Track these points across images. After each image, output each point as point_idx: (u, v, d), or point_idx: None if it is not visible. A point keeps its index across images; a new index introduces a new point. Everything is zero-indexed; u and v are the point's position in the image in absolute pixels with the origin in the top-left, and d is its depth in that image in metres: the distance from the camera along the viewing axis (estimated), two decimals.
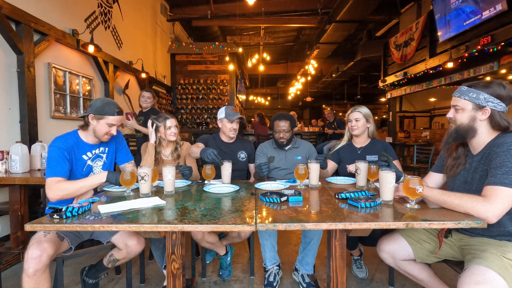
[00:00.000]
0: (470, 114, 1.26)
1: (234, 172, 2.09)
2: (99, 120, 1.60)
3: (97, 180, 1.51)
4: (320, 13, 7.30)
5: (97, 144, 1.71)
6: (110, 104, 1.61)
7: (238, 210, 1.24)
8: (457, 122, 1.29)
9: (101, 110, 1.58)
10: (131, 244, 1.54)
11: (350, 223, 1.05)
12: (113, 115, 1.60)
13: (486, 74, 5.36)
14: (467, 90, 1.26)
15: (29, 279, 1.25)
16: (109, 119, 1.60)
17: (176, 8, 7.63)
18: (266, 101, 19.04)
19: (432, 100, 12.96)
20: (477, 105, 1.24)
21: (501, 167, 1.12)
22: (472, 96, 1.24)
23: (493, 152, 1.19)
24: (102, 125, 1.60)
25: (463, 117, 1.27)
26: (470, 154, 1.33)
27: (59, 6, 3.48)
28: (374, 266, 2.22)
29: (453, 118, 1.32)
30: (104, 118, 1.59)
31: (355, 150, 2.08)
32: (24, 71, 2.84)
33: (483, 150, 1.26)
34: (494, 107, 1.22)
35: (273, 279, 1.89)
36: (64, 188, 1.46)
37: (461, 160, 1.34)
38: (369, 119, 2.04)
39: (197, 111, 7.95)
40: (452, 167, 1.37)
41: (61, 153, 1.53)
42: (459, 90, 1.30)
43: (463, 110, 1.27)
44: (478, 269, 1.08)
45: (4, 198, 2.62)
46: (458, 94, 1.30)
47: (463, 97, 1.27)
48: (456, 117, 1.30)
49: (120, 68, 4.90)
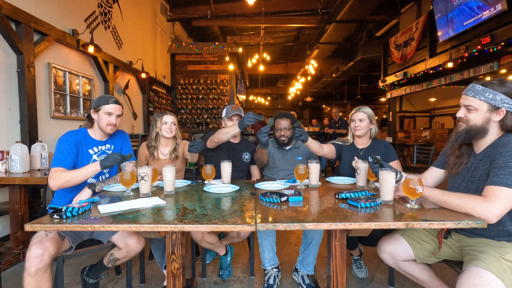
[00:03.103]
0: (485, 115, 1.20)
1: (236, 172, 2.10)
2: (98, 112, 1.72)
3: (92, 169, 1.55)
4: (320, 13, 7.30)
5: (103, 141, 1.80)
6: (105, 96, 1.75)
7: (238, 210, 1.24)
8: (470, 122, 1.23)
9: (97, 103, 1.72)
10: (131, 243, 1.55)
11: (350, 223, 1.05)
12: (108, 104, 1.71)
13: (486, 74, 5.36)
14: (483, 90, 1.19)
15: (31, 278, 1.25)
16: (105, 107, 1.71)
17: (176, 8, 7.63)
18: (266, 101, 19.02)
19: (432, 100, 12.97)
20: (493, 106, 1.19)
21: (504, 167, 1.11)
22: (489, 96, 1.18)
23: (497, 151, 1.18)
24: (101, 116, 1.71)
25: (476, 117, 1.21)
26: (473, 153, 1.31)
27: (59, 6, 3.48)
28: (374, 266, 2.22)
29: (464, 118, 1.25)
30: (101, 108, 1.71)
31: (357, 151, 2.04)
32: (24, 71, 2.84)
33: (486, 149, 1.24)
34: (509, 108, 1.18)
35: (272, 281, 1.89)
36: (62, 177, 1.53)
37: (464, 159, 1.31)
38: (373, 120, 2.01)
39: (197, 111, 7.95)
40: (454, 165, 1.35)
41: (68, 145, 1.63)
42: (472, 89, 1.22)
43: (476, 110, 1.21)
44: (476, 271, 1.07)
45: (4, 198, 2.62)
46: (472, 93, 1.22)
47: (478, 97, 1.20)
48: (468, 117, 1.24)
49: (120, 68, 4.90)
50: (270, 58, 10.84)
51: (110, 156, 1.52)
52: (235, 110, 2.14)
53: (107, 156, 1.54)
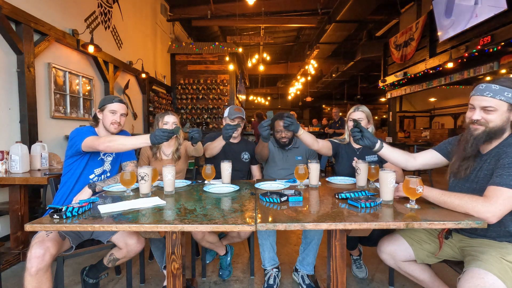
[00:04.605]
0: (505, 115, 1.17)
1: (236, 172, 2.09)
2: (102, 112, 1.76)
3: (142, 140, 1.55)
4: (320, 13, 7.30)
5: None
6: (109, 96, 1.80)
7: (238, 210, 1.24)
8: (490, 124, 1.18)
9: (102, 102, 1.77)
10: (131, 243, 1.55)
11: (350, 223, 1.05)
12: (112, 102, 1.75)
13: (486, 74, 5.37)
14: (501, 89, 1.15)
15: (32, 278, 1.25)
16: (109, 106, 1.74)
17: (176, 8, 7.64)
18: (266, 101, 19.04)
19: (432, 100, 12.97)
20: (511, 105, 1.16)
21: (508, 168, 1.10)
22: (508, 95, 1.14)
23: (502, 151, 1.17)
24: (106, 115, 1.75)
25: (497, 118, 1.17)
26: (479, 153, 1.29)
27: (59, 6, 3.48)
28: (374, 266, 2.22)
29: (482, 120, 1.20)
30: (105, 107, 1.75)
31: (354, 151, 2.04)
32: (24, 71, 2.84)
33: (493, 150, 1.23)
34: None
35: (273, 281, 1.89)
36: (110, 138, 1.57)
37: (471, 162, 1.28)
38: (370, 120, 2.01)
39: (197, 111, 7.95)
40: (460, 168, 1.30)
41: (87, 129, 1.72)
42: (490, 89, 1.17)
43: (496, 110, 1.17)
44: (477, 272, 1.07)
45: (4, 198, 2.62)
46: (490, 93, 1.17)
47: (497, 97, 1.15)
48: (487, 118, 1.19)
49: (120, 68, 4.90)
50: (270, 58, 10.84)
51: (157, 131, 1.49)
52: (238, 112, 2.14)
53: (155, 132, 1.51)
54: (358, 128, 1.45)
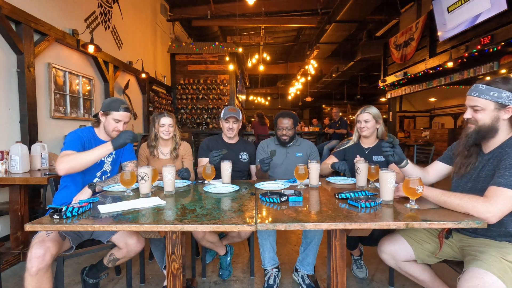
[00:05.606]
0: (493, 114, 1.20)
1: (235, 172, 2.10)
2: (106, 116, 1.69)
3: (103, 150, 1.54)
4: (320, 13, 7.30)
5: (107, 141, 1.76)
6: (117, 101, 1.70)
7: (238, 210, 1.24)
8: (479, 122, 1.23)
9: (108, 106, 1.68)
10: (131, 243, 1.55)
11: (350, 223, 1.05)
12: (118, 111, 1.67)
13: (486, 74, 5.36)
14: (487, 89, 1.19)
15: (32, 278, 1.25)
16: (115, 114, 1.68)
17: (176, 8, 7.64)
18: (266, 101, 19.03)
19: (432, 100, 12.97)
20: (500, 104, 1.18)
21: (510, 169, 1.11)
22: (494, 95, 1.18)
23: (504, 152, 1.17)
24: (109, 121, 1.69)
25: (484, 117, 1.21)
26: (481, 152, 1.30)
27: (59, 6, 3.48)
28: (374, 266, 2.22)
29: (472, 119, 1.25)
30: (110, 113, 1.68)
31: (362, 151, 2.07)
32: (24, 71, 2.84)
33: (495, 150, 1.24)
34: None
35: (273, 281, 1.89)
36: (71, 159, 1.48)
37: (472, 159, 1.30)
38: (379, 120, 2.03)
39: (197, 111, 7.95)
40: (462, 165, 1.33)
41: (77, 137, 1.63)
42: (476, 89, 1.22)
43: (483, 110, 1.21)
44: (477, 272, 1.07)
45: (4, 198, 2.62)
46: (476, 93, 1.22)
47: (483, 97, 1.20)
48: (476, 117, 1.23)
49: (120, 68, 4.90)
50: (270, 58, 10.84)
51: (122, 134, 1.50)
52: (232, 112, 2.16)
53: (119, 135, 1.52)
54: (392, 144, 1.45)
